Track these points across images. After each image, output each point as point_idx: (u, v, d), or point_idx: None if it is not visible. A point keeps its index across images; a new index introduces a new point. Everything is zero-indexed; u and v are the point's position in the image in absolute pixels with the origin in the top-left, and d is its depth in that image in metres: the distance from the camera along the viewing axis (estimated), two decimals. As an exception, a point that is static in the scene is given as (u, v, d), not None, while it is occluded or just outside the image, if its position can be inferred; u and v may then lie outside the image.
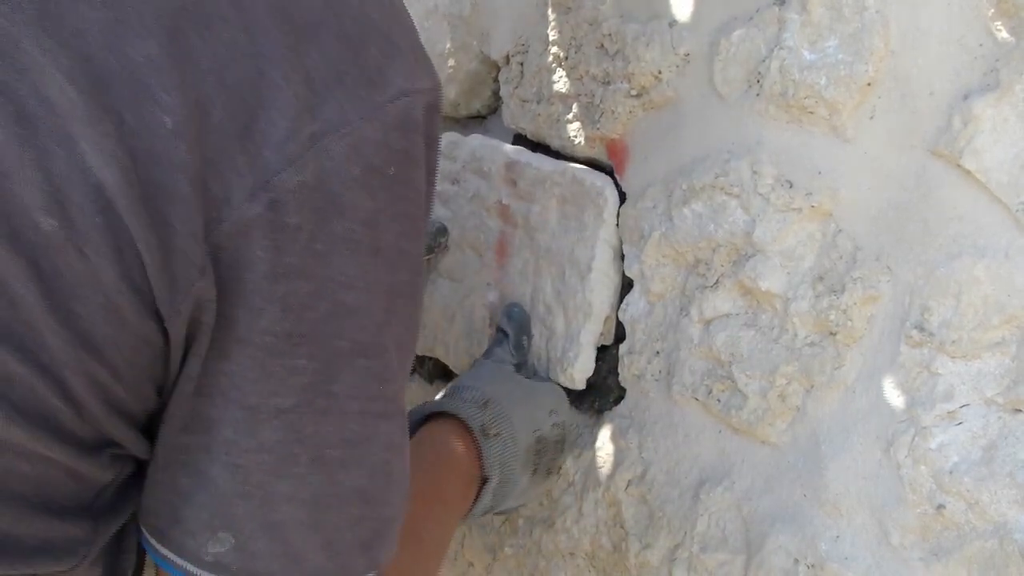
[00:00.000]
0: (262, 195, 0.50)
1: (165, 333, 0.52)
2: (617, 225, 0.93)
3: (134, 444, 0.57)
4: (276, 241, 0.51)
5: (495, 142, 1.05)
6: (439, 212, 1.10)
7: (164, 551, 0.58)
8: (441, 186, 1.09)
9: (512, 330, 0.99)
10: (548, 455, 0.95)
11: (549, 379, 0.98)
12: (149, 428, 0.58)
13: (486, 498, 0.89)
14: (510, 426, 0.90)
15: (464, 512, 0.88)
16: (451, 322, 1.09)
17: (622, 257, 0.93)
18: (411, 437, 0.88)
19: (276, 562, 0.57)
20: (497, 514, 0.96)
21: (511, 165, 1.01)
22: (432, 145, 0.59)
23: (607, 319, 0.94)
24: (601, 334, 0.94)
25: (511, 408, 0.92)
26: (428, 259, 1.11)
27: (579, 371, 0.94)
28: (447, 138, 1.09)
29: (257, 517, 0.56)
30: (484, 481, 0.89)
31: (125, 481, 0.59)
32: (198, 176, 0.49)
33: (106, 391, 0.53)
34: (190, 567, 0.57)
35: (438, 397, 0.94)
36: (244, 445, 0.54)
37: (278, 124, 0.50)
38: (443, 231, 1.09)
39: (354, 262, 0.54)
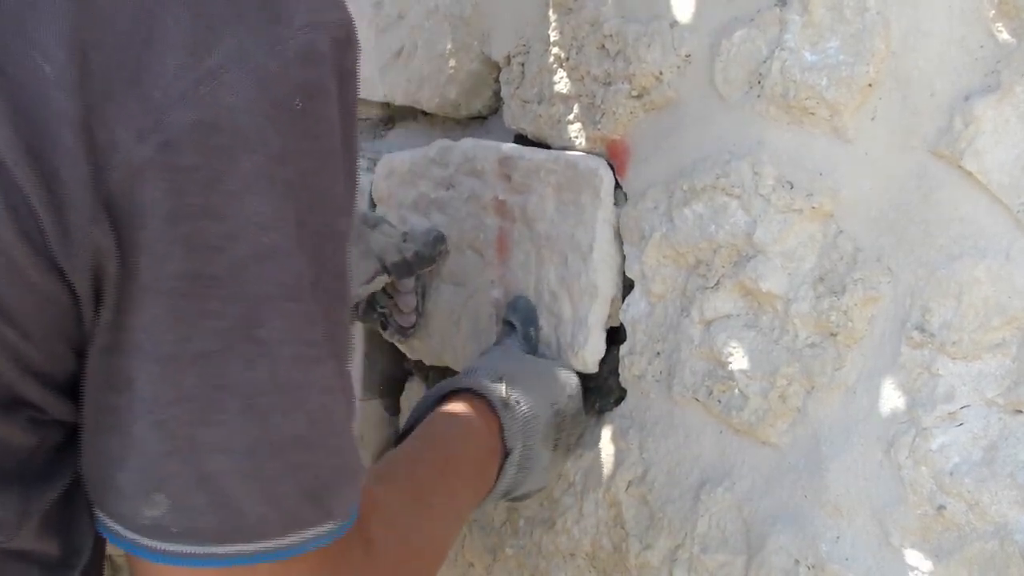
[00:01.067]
0: (152, 137, 0.48)
1: (71, 289, 0.51)
2: (615, 204, 0.92)
3: (54, 407, 0.55)
4: (174, 183, 0.49)
5: (488, 142, 1.05)
6: (436, 219, 1.10)
7: (106, 520, 0.56)
8: (435, 193, 1.09)
9: (519, 321, 0.99)
10: (567, 430, 0.93)
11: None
12: (75, 391, 0.56)
13: (509, 472, 0.87)
14: (530, 398, 0.89)
15: (485, 489, 0.86)
16: (457, 326, 1.09)
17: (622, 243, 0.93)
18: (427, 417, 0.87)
19: (215, 515, 0.54)
20: (516, 499, 0.94)
21: (504, 160, 1.01)
22: (347, 80, 0.57)
23: (613, 300, 0.94)
24: (609, 316, 0.94)
25: (528, 382, 0.91)
26: (430, 270, 1.11)
27: (590, 353, 0.94)
28: (438, 144, 1.09)
29: (189, 472, 0.53)
30: (506, 456, 0.87)
31: (56, 447, 0.57)
32: (82, 124, 0.48)
33: (16, 351, 0.51)
34: (130, 534, 0.55)
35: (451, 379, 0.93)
36: (165, 398, 0.52)
37: (168, 63, 0.49)
38: (441, 239, 1.08)
39: (268, 201, 0.52)
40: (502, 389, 0.88)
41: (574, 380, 0.95)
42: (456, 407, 0.88)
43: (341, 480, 0.59)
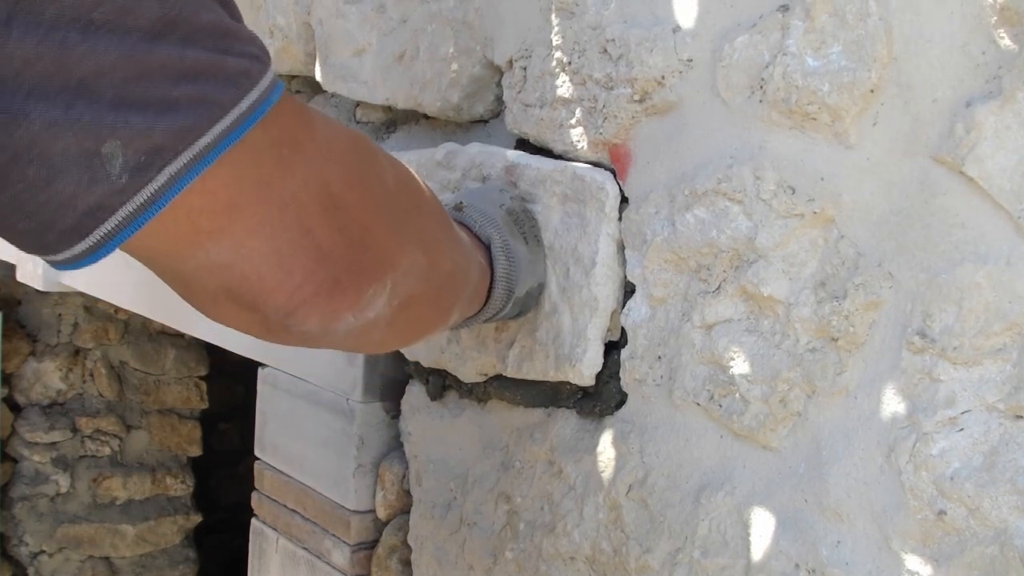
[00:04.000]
0: None
1: None
2: (619, 219, 0.93)
3: None
4: None
5: (494, 148, 1.05)
6: None
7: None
8: (441, 195, 1.09)
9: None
10: (526, 224, 0.97)
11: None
12: None
13: (500, 260, 0.91)
14: (474, 202, 0.94)
15: (483, 271, 0.89)
16: (457, 332, 1.09)
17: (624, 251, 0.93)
18: None
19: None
20: (524, 306, 0.97)
21: (511, 168, 1.01)
22: None
23: (613, 313, 0.94)
24: (608, 329, 0.94)
25: (465, 195, 0.96)
26: None
27: (587, 366, 0.95)
28: (445, 148, 1.09)
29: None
30: (487, 249, 0.91)
31: None
32: None
33: None
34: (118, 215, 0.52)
35: None
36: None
37: None
38: None
39: None
40: (448, 202, 0.93)
41: (508, 190, 0.99)
42: None
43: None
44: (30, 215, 0.51)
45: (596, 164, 0.96)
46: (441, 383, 1.15)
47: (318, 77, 1.33)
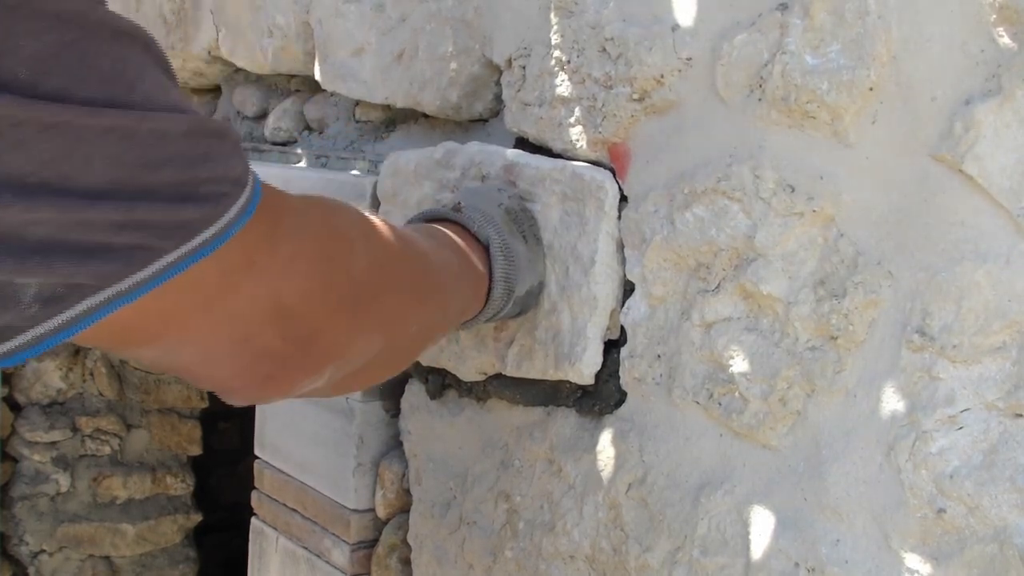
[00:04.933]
0: None
1: None
2: (619, 218, 0.93)
3: None
4: None
5: (493, 147, 1.05)
6: None
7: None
8: (440, 194, 1.09)
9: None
10: (525, 223, 0.97)
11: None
12: None
13: (498, 260, 0.91)
14: (473, 201, 0.94)
15: (480, 277, 0.89)
16: (456, 331, 1.09)
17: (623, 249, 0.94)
18: None
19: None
20: (525, 305, 0.97)
21: (510, 167, 1.01)
22: None
23: (612, 312, 0.94)
24: (607, 328, 0.94)
25: (464, 195, 0.96)
26: None
27: (587, 365, 0.94)
28: (444, 147, 1.09)
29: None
30: (486, 250, 0.91)
31: None
32: None
33: None
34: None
35: None
36: None
37: None
38: None
39: None
40: (446, 203, 0.93)
41: (506, 189, 0.99)
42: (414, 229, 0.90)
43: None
44: None
45: (595, 163, 0.96)
46: (441, 382, 1.15)
47: (317, 76, 1.33)
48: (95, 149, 0.48)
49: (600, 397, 0.97)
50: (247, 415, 1.51)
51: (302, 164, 1.43)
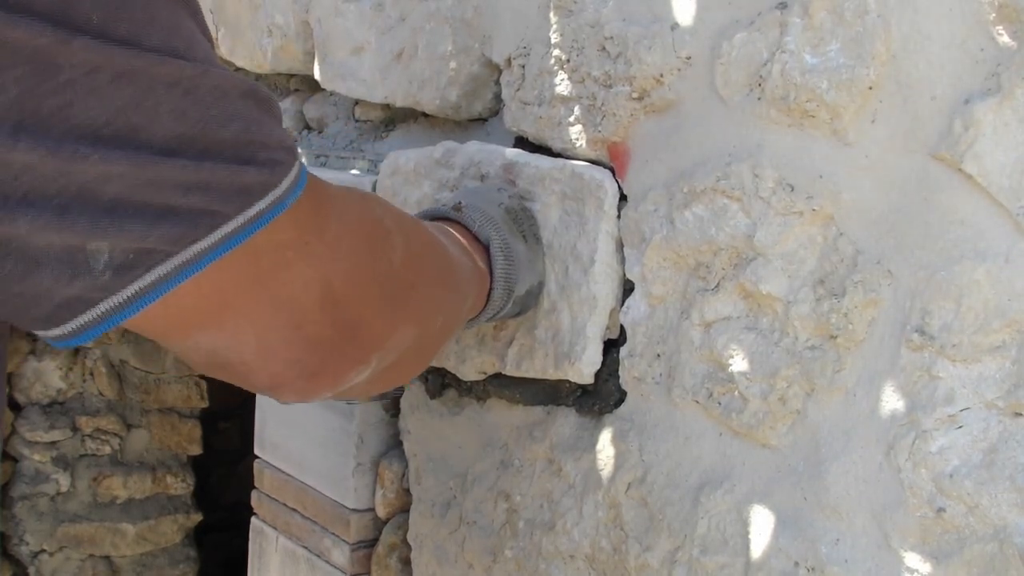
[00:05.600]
0: None
1: None
2: (618, 217, 0.93)
3: None
4: None
5: (493, 146, 1.05)
6: None
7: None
8: (439, 194, 1.09)
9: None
10: (525, 223, 0.96)
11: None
12: None
13: (499, 260, 0.90)
14: (473, 201, 0.93)
15: (482, 276, 0.89)
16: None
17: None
18: None
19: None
20: (524, 305, 0.97)
21: (509, 166, 1.01)
22: None
23: (612, 311, 0.94)
24: (607, 327, 0.94)
25: (464, 194, 0.96)
26: None
27: (587, 364, 0.94)
28: (444, 146, 1.09)
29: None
30: (486, 250, 0.91)
31: None
32: None
33: None
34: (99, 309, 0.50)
35: None
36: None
37: None
38: None
39: None
40: (446, 203, 0.92)
41: (506, 188, 0.99)
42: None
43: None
44: (2, 303, 0.49)
45: (595, 162, 0.96)
46: (440, 381, 1.15)
47: (317, 75, 1.33)
48: (162, 101, 0.48)
49: (600, 396, 0.97)
50: (247, 415, 1.51)
51: (302, 164, 1.43)
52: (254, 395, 1.48)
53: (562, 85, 0.96)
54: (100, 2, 0.45)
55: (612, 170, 0.94)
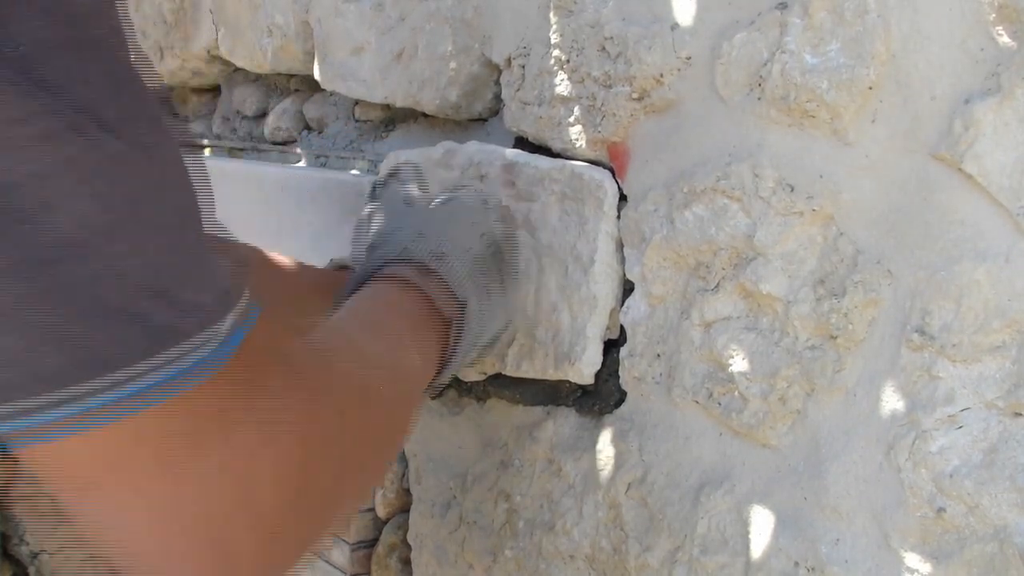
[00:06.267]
0: None
1: None
2: (618, 217, 0.93)
3: None
4: None
5: (492, 147, 1.05)
6: None
7: None
8: (440, 195, 1.09)
9: (396, 178, 0.95)
10: (507, 251, 0.92)
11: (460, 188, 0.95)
12: None
13: (471, 326, 0.84)
14: (456, 236, 0.87)
15: (437, 350, 0.82)
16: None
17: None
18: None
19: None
20: (485, 350, 0.92)
21: (509, 167, 1.01)
22: None
23: (612, 311, 0.94)
24: (607, 327, 0.94)
25: (449, 217, 0.88)
26: None
27: (587, 365, 0.94)
28: (444, 147, 1.09)
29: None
30: (461, 309, 0.84)
31: None
32: None
33: None
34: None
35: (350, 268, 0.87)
36: None
37: None
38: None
39: None
40: (423, 247, 0.83)
41: (493, 200, 0.93)
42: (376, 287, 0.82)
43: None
44: None
45: (595, 162, 0.96)
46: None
47: (316, 76, 1.33)
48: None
49: (600, 397, 0.97)
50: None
51: (302, 164, 1.43)
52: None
53: (562, 85, 0.96)
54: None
55: (612, 170, 0.94)
